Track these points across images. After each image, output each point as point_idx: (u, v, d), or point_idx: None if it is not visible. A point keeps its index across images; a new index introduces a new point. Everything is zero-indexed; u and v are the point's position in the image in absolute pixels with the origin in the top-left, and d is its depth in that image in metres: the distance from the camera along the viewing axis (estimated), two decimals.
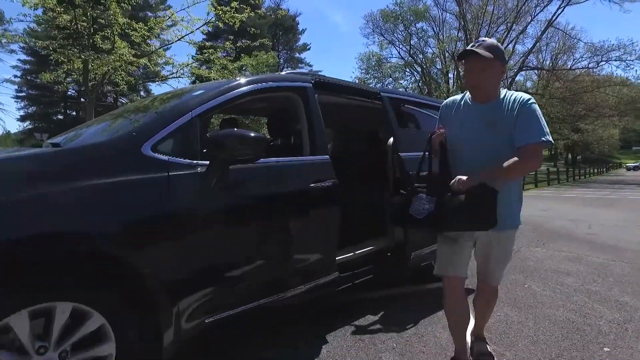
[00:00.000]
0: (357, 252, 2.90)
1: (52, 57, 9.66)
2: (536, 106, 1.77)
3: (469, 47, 1.78)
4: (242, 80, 2.27)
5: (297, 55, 47.62)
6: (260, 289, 2.08)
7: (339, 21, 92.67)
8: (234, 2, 10.37)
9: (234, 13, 10.40)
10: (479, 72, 1.78)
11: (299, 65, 46.97)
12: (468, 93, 1.93)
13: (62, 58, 9.25)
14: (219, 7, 10.32)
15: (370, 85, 25.30)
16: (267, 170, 2.14)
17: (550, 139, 1.73)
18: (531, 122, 1.74)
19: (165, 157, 1.77)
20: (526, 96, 1.80)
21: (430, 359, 2.17)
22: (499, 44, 1.82)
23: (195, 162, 1.86)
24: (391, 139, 3.23)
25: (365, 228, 3.34)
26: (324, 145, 2.55)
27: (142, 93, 36.99)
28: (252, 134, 1.88)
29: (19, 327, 1.36)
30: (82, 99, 41.39)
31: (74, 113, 43.72)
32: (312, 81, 2.65)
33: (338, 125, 4.04)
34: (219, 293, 1.90)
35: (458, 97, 1.99)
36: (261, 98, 2.45)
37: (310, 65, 47.48)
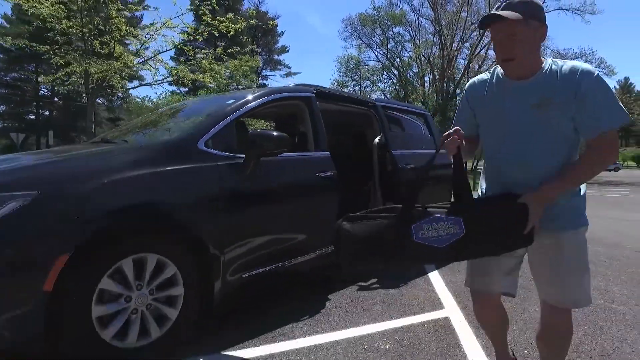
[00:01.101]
0: None
1: (52, 61, 10.01)
2: (604, 77, 1.35)
3: (492, 11, 1.39)
4: (264, 91, 2.88)
5: (275, 57, 47.93)
6: (280, 254, 2.68)
7: (316, 23, 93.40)
8: (230, 14, 10.99)
9: (229, 23, 11.05)
10: (508, 40, 1.37)
11: (278, 67, 47.38)
12: (499, 68, 1.52)
13: (61, 61, 9.60)
14: (215, 18, 10.90)
15: (349, 89, 25.78)
16: (285, 161, 2.75)
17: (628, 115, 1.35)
18: (606, 101, 1.32)
19: (214, 151, 2.37)
20: (587, 66, 1.37)
21: (409, 308, 2.82)
22: (537, 1, 1.39)
23: (233, 154, 2.45)
24: (377, 139, 3.91)
25: (356, 210, 3.99)
26: (325, 143, 3.18)
27: (119, 94, 36.69)
28: (275, 134, 2.48)
29: (127, 268, 1.93)
30: (55, 99, 40.65)
31: (47, 113, 42.85)
32: (315, 92, 3.29)
33: (333, 127, 4.69)
34: (252, 255, 2.49)
35: (485, 75, 1.59)
36: (277, 105, 3.04)
37: (289, 67, 47.81)
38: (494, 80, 1.53)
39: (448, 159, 1.48)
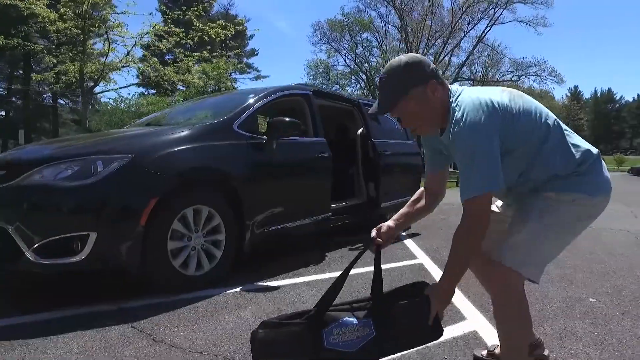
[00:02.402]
0: (341, 204, 4.30)
1: (46, 60, 10.27)
2: (471, 130, 1.24)
3: (373, 106, 1.41)
4: (275, 88, 3.63)
5: (245, 60, 48.11)
6: (291, 215, 3.40)
7: (284, 27, 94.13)
8: (220, 21, 11.66)
9: (219, 29, 11.74)
10: (403, 117, 1.39)
11: (247, 70, 47.64)
12: None
13: (54, 60, 9.90)
14: (206, 24, 11.51)
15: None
16: (294, 143, 3.48)
17: (487, 187, 1.24)
18: (464, 166, 1.27)
19: (244, 132, 3.07)
20: (463, 109, 1.27)
21: (391, 259, 3.59)
22: (406, 61, 1.33)
23: (258, 136, 3.16)
24: (360, 131, 4.69)
25: (346, 189, 4.75)
26: (322, 131, 3.93)
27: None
28: (289, 120, 3.20)
29: (189, 215, 2.61)
30: (12, 98, 39.02)
31: (3, 113, 41.22)
32: (312, 90, 4.05)
33: (325, 119, 5.44)
34: (272, 214, 3.20)
35: None
36: (284, 100, 3.77)
37: (259, 70, 48.03)
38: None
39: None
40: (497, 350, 1.64)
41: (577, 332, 2.01)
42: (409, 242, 4.30)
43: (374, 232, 1.53)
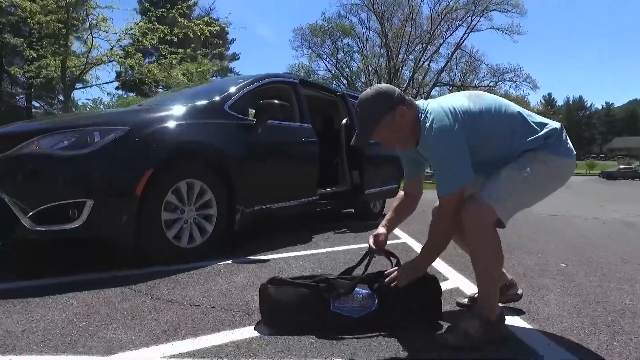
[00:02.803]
0: (327, 190, 4.43)
1: (25, 54, 10.07)
2: (440, 136, 1.43)
3: (353, 139, 1.57)
4: (264, 75, 3.74)
5: (226, 64, 47.97)
6: (278, 196, 3.50)
7: (265, 32, 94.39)
8: (205, 17, 11.77)
9: (204, 26, 11.85)
10: (381, 142, 1.57)
11: (229, 74, 47.48)
12: None
13: (34, 54, 9.72)
14: (191, 21, 11.58)
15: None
16: (282, 126, 3.60)
17: (459, 184, 1.43)
18: (438, 167, 1.48)
19: (234, 113, 3.17)
20: (430, 119, 1.46)
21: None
22: (372, 94, 1.52)
23: (247, 117, 3.26)
24: (344, 120, 4.84)
25: (331, 176, 4.88)
26: (308, 118, 4.06)
27: (60, 97, 35.01)
28: (277, 102, 3.30)
29: (182, 188, 2.69)
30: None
31: None
32: (299, 80, 4.18)
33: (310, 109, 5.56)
34: (260, 194, 3.30)
35: None
36: (272, 87, 3.89)
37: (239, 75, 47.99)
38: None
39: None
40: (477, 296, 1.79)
41: (549, 286, 2.20)
42: None
43: (371, 240, 1.75)
